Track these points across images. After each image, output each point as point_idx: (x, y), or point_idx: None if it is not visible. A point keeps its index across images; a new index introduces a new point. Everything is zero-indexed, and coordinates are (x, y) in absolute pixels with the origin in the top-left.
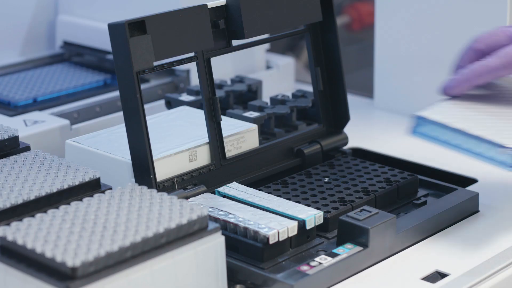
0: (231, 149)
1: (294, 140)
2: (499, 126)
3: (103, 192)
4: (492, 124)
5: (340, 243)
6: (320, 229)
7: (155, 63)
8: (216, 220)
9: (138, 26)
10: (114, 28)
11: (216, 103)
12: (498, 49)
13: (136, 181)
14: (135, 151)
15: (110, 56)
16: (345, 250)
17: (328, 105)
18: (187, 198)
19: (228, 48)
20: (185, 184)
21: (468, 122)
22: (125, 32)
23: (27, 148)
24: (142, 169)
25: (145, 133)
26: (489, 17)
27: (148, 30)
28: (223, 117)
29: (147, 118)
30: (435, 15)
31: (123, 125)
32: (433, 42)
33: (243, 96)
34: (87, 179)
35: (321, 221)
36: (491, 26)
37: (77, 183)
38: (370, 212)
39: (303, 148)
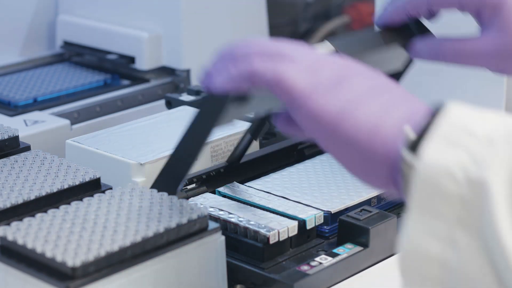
0: (231, 149)
1: (294, 140)
2: None
3: (103, 192)
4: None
5: (340, 243)
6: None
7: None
8: (216, 220)
9: None
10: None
11: None
12: None
13: (155, 184)
14: (177, 159)
15: (110, 56)
16: (345, 250)
17: None
18: (187, 198)
19: None
20: (185, 184)
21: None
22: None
23: (27, 148)
24: (173, 177)
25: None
26: None
27: None
28: None
29: (147, 118)
30: None
31: (123, 125)
32: None
33: None
34: (87, 179)
35: (321, 221)
36: None
37: (77, 183)
38: (370, 212)
39: (304, 148)
